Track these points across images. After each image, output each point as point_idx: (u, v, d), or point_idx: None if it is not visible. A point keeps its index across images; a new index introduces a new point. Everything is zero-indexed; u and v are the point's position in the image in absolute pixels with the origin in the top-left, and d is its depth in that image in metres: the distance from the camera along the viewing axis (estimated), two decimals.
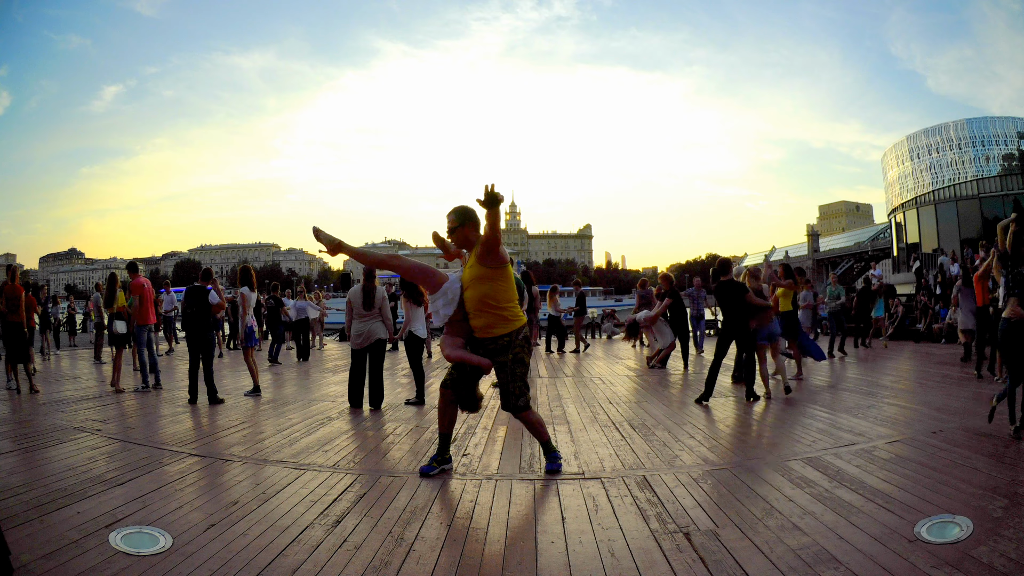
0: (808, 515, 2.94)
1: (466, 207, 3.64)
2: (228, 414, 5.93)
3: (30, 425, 5.36)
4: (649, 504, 3.19)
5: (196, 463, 4.08)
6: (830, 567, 2.39)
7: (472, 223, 3.63)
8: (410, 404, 6.33)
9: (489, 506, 3.21)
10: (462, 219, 3.62)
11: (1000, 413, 4.57)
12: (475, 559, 2.56)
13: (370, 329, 6.35)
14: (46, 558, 2.50)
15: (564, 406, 6.15)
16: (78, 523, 2.88)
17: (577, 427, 5.13)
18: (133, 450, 4.41)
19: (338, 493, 3.43)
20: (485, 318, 3.59)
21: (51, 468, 3.89)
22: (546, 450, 3.84)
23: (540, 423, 3.81)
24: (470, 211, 3.63)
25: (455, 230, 3.64)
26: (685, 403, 6.29)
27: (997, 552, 2.47)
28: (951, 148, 35.77)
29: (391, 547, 2.68)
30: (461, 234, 3.64)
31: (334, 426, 5.29)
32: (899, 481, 3.44)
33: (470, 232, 3.63)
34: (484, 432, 5.00)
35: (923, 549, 2.52)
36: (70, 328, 16.57)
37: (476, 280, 3.55)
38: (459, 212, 3.64)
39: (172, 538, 2.71)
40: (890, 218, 42.01)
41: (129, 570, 2.42)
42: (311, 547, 2.67)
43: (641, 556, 2.55)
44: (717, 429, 5.06)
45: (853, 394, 6.62)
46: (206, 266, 8.10)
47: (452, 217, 3.66)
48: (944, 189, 35.42)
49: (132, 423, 5.54)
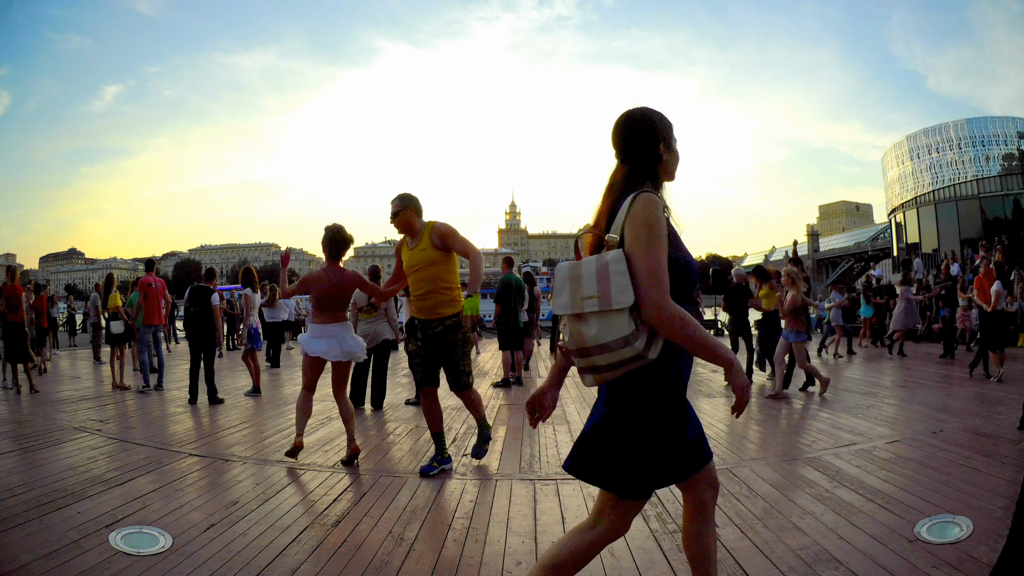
0: (808, 515, 2.94)
1: (409, 194, 3.88)
2: (228, 414, 5.93)
3: (30, 425, 5.36)
4: (649, 504, 3.18)
5: (196, 463, 4.08)
6: (830, 567, 2.39)
7: (413, 208, 3.83)
8: (410, 404, 6.33)
9: (489, 506, 3.21)
10: (405, 204, 3.82)
11: (1001, 414, 4.57)
12: (475, 559, 2.56)
13: (376, 330, 6.36)
14: (46, 558, 2.50)
15: (564, 406, 6.15)
16: (78, 523, 2.88)
17: (577, 427, 5.13)
18: (133, 450, 4.41)
19: (338, 493, 3.43)
20: (436, 298, 3.77)
21: (51, 468, 3.89)
22: (481, 427, 4.07)
23: (480, 401, 4.05)
24: (412, 197, 3.87)
25: (398, 214, 3.81)
26: None
27: (997, 552, 2.46)
28: (951, 148, 35.77)
29: (391, 547, 2.68)
30: (404, 218, 3.81)
31: (334, 426, 5.29)
32: (899, 481, 3.43)
33: (412, 217, 3.82)
34: None
35: (923, 549, 2.52)
36: (70, 328, 16.59)
37: (429, 262, 3.73)
38: (403, 198, 3.86)
39: (172, 538, 2.71)
40: (890, 218, 42.02)
41: (129, 570, 2.42)
42: (311, 547, 2.67)
43: (641, 556, 2.55)
44: (717, 429, 5.05)
45: (853, 394, 6.62)
46: (207, 266, 8.11)
47: (396, 202, 3.85)
48: (944, 189, 35.42)
49: (132, 423, 5.54)
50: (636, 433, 1.51)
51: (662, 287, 1.46)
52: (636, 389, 1.52)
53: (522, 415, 5.73)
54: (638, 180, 1.60)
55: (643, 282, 1.46)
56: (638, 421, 1.52)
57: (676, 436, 1.54)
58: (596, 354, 1.48)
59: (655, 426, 1.51)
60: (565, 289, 1.52)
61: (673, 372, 1.55)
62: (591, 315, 1.48)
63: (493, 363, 10.46)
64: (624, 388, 1.54)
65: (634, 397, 1.53)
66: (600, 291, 1.47)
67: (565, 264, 1.56)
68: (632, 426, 1.52)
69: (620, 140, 1.65)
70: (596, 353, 1.48)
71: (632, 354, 1.46)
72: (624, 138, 1.64)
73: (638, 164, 1.63)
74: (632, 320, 1.45)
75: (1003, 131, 34.67)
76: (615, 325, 1.45)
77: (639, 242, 1.48)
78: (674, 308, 1.47)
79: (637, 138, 1.63)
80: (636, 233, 1.49)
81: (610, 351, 1.46)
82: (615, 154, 1.66)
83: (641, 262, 1.47)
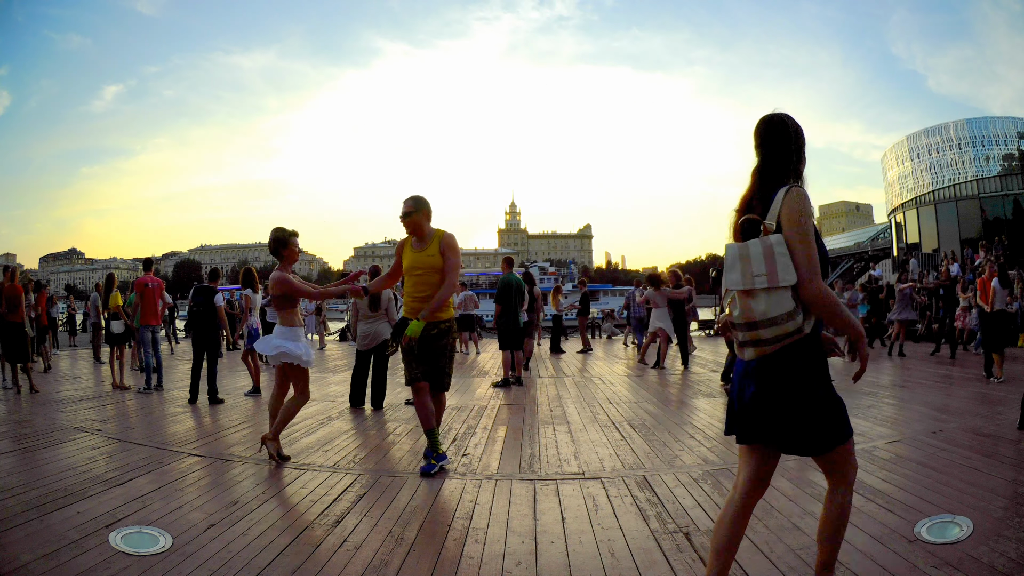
0: (808, 515, 2.93)
1: (423, 198, 3.97)
2: (228, 414, 5.93)
3: (30, 425, 5.35)
4: (649, 504, 3.18)
5: (196, 463, 4.08)
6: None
7: (425, 212, 3.93)
8: (410, 404, 6.32)
9: (489, 506, 3.21)
10: (417, 206, 3.93)
11: (1001, 414, 4.57)
12: (475, 559, 2.56)
13: (377, 330, 6.36)
14: (46, 558, 2.50)
15: (564, 406, 6.15)
16: (78, 523, 2.88)
17: (577, 427, 5.13)
18: (133, 450, 4.41)
19: (338, 493, 3.43)
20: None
21: (51, 468, 3.89)
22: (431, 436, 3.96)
23: (444, 407, 4.15)
24: (425, 201, 3.97)
25: (410, 215, 3.91)
26: (685, 403, 6.29)
27: (997, 552, 2.47)
28: (951, 148, 35.74)
29: (391, 547, 2.68)
30: (415, 220, 3.91)
31: (334, 426, 5.29)
32: (899, 481, 3.43)
33: (422, 220, 3.92)
34: (484, 432, 5.00)
35: (923, 549, 2.52)
36: (70, 328, 16.58)
37: (435, 268, 3.86)
38: (416, 200, 3.96)
39: (172, 538, 2.71)
40: (890, 218, 41.97)
41: (129, 570, 2.42)
42: (311, 547, 2.67)
43: (641, 556, 2.55)
44: (717, 429, 5.05)
45: (853, 394, 6.61)
46: (208, 266, 8.11)
47: (409, 203, 3.93)
48: (944, 189, 35.38)
49: (132, 423, 5.54)
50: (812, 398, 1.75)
51: (817, 270, 1.70)
52: (798, 360, 1.75)
53: (522, 415, 5.74)
54: (783, 175, 1.86)
55: (802, 266, 1.69)
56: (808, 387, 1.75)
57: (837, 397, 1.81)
58: (763, 328, 1.71)
59: (821, 390, 1.77)
60: (736, 267, 1.75)
61: (819, 345, 1.79)
62: (760, 291, 1.71)
63: (493, 363, 10.46)
64: (784, 361, 1.75)
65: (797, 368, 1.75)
66: (768, 270, 1.70)
67: (734, 245, 1.78)
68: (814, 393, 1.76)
69: (768, 138, 1.89)
70: (763, 327, 1.71)
71: (793, 328, 1.70)
72: (772, 137, 1.89)
73: (782, 161, 1.87)
74: (793, 298, 1.69)
75: (1003, 131, 34.64)
76: (781, 301, 1.69)
77: (797, 231, 1.73)
78: (826, 288, 1.70)
79: (785, 138, 1.88)
80: (794, 222, 1.74)
81: (775, 325, 1.70)
82: (759, 151, 1.90)
83: (799, 248, 1.71)
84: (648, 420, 5.37)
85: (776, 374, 1.76)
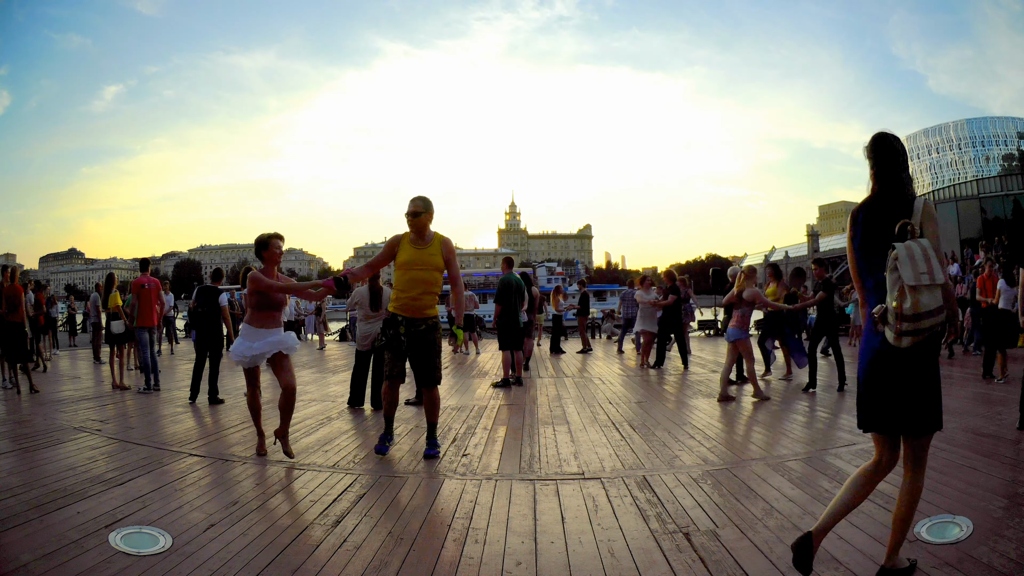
0: (808, 515, 2.93)
1: (430, 200, 4.12)
2: (228, 414, 5.94)
3: (30, 425, 5.35)
4: (649, 504, 3.19)
5: (196, 463, 4.08)
6: (830, 567, 2.39)
7: (431, 214, 4.10)
8: (410, 404, 6.32)
9: (489, 506, 3.21)
10: (428, 207, 4.08)
11: (1001, 414, 4.57)
12: (475, 559, 2.56)
13: (377, 330, 6.34)
14: (46, 558, 2.50)
15: (564, 406, 6.15)
16: (78, 523, 2.88)
17: (577, 427, 5.13)
18: (133, 450, 4.41)
19: (338, 493, 3.43)
20: (426, 299, 4.11)
21: (51, 468, 3.89)
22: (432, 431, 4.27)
23: (439, 401, 4.32)
24: (432, 203, 4.13)
25: (420, 215, 4.04)
26: (685, 403, 6.29)
27: (997, 552, 2.47)
28: (951, 148, 35.80)
29: (391, 547, 2.68)
30: (423, 221, 4.05)
31: (334, 426, 5.29)
32: (899, 481, 3.42)
33: (429, 221, 4.09)
34: (484, 432, 5.01)
35: (923, 549, 2.52)
36: (70, 328, 16.57)
37: (434, 267, 4.06)
38: (426, 201, 4.10)
39: (172, 538, 2.71)
40: None
41: (129, 570, 2.42)
42: (311, 547, 2.67)
43: (641, 556, 2.55)
44: (717, 429, 5.05)
45: (853, 394, 6.61)
46: (208, 267, 8.12)
47: (420, 204, 4.06)
48: (944, 189, 35.46)
49: (132, 423, 5.54)
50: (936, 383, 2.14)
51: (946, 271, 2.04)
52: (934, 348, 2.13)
53: (522, 415, 5.74)
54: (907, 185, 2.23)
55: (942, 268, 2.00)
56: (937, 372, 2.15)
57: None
58: (926, 319, 1.98)
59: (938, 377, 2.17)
60: (907, 264, 1.99)
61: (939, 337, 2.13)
62: (924, 287, 1.97)
63: (493, 363, 10.46)
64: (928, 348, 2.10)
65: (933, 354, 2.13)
66: (929, 269, 1.97)
67: (904, 245, 2.03)
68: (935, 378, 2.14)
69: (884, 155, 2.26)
70: (926, 318, 1.98)
71: (943, 319, 2.01)
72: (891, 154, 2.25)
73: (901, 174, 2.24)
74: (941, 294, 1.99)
75: (1003, 131, 34.70)
76: (937, 296, 1.98)
77: (936, 239, 2.08)
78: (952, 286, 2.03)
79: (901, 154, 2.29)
80: (934, 231, 2.11)
81: (933, 317, 1.98)
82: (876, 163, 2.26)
83: (938, 254, 2.03)
84: (648, 420, 5.37)
85: (922, 359, 2.10)
